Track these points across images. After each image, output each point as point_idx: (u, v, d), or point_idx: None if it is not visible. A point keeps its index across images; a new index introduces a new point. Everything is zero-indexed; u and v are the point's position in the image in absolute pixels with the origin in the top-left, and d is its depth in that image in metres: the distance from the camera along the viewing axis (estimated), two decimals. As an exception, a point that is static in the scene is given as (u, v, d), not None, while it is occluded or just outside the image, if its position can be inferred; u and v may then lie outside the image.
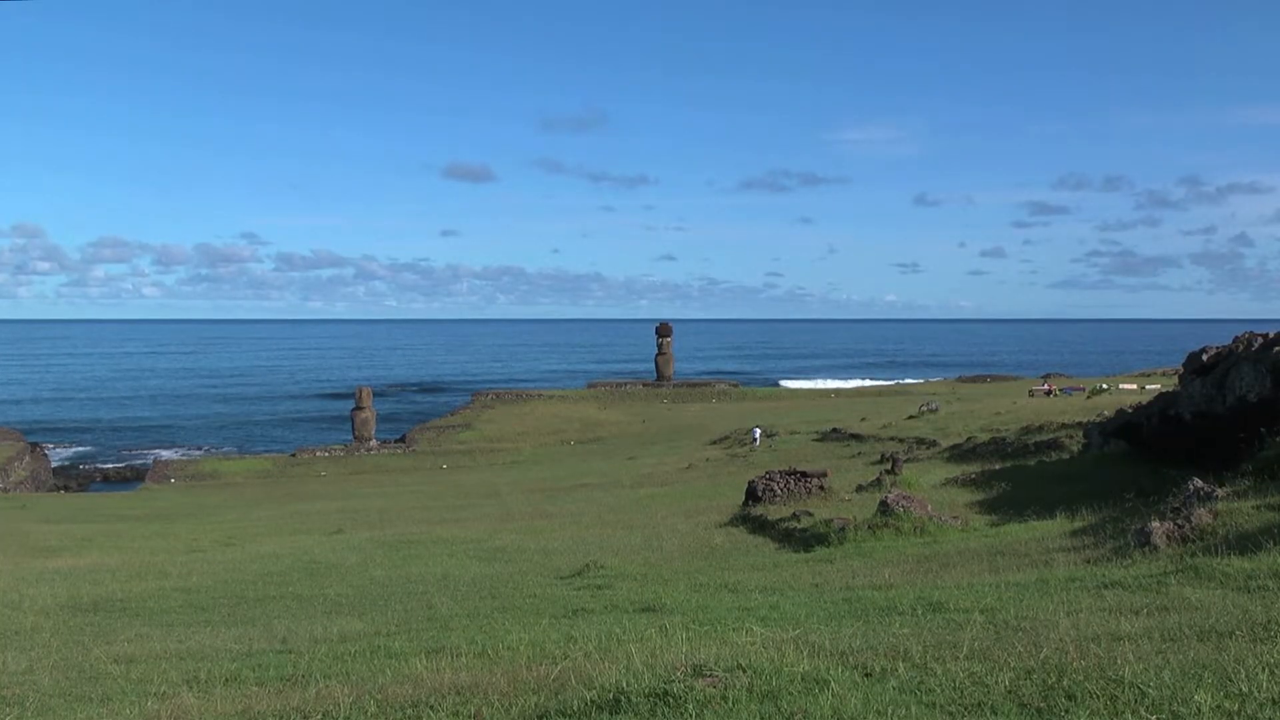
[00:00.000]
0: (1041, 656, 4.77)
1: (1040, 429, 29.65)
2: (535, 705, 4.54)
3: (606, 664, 5.21)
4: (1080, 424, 28.07)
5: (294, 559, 16.35)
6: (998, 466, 21.60)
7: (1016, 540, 11.20)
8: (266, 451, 64.73)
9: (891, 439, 36.46)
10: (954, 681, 4.48)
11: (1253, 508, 8.78)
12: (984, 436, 30.67)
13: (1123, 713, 3.97)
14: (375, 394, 76.10)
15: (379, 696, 5.06)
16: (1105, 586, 7.15)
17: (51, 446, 66.11)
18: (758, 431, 44.81)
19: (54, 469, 56.24)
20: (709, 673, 4.49)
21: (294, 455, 58.10)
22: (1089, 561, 8.82)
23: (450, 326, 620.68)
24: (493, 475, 44.76)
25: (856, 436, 39.07)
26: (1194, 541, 8.24)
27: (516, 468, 49.74)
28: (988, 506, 16.22)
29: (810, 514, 15.80)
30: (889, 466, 22.36)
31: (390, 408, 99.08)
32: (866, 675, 4.61)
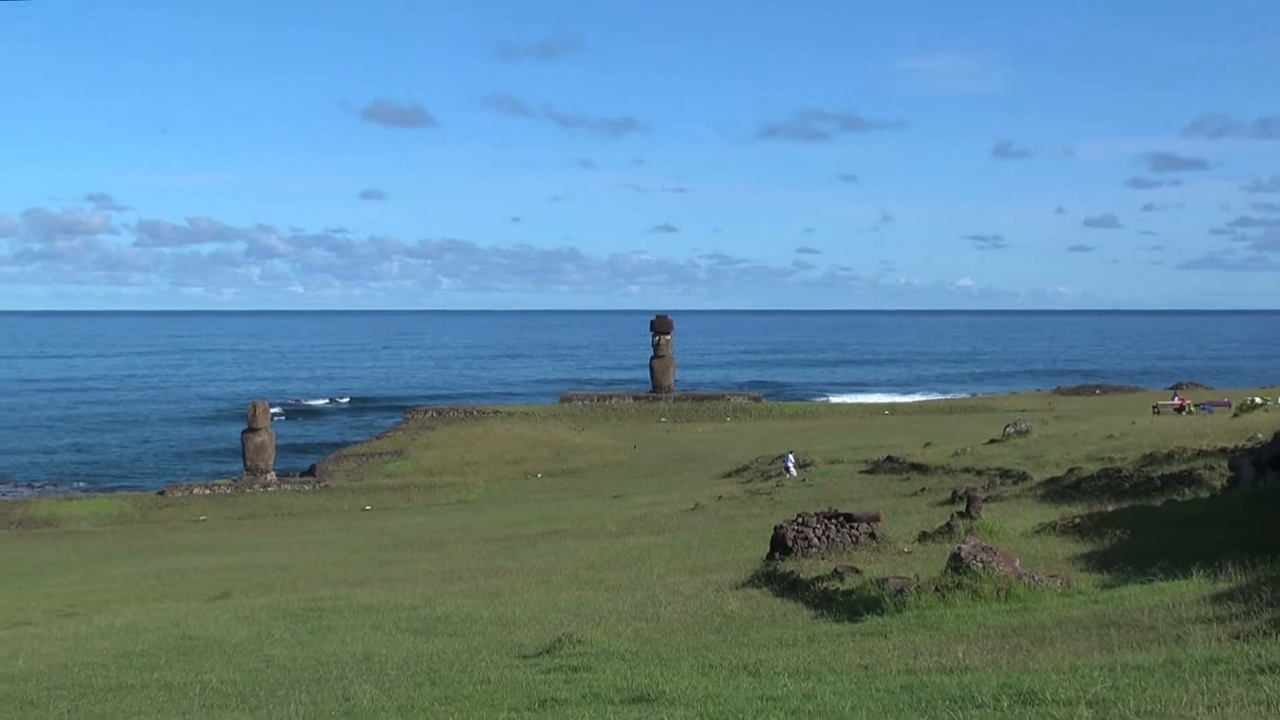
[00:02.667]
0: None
1: (1169, 457, 29.77)
2: None
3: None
4: (1225, 451, 28.11)
5: (161, 634, 16.31)
6: (1110, 508, 21.65)
7: (1137, 607, 11.22)
8: (124, 488, 64.53)
9: (966, 470, 36.56)
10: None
11: None
12: (1091, 467, 30.75)
13: None
14: (275, 412, 76.09)
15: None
16: (1261, 671, 7.17)
17: None
18: (791, 459, 45.01)
19: None
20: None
21: (163, 493, 57.93)
22: (1237, 637, 8.85)
23: (376, 320, 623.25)
24: (433, 519, 44.75)
25: (919, 467, 39.19)
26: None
27: (465, 509, 49.74)
28: (1097, 561, 16.25)
29: (857, 571, 15.79)
30: (963, 507, 22.38)
31: (295, 430, 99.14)
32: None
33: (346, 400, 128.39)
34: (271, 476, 60.52)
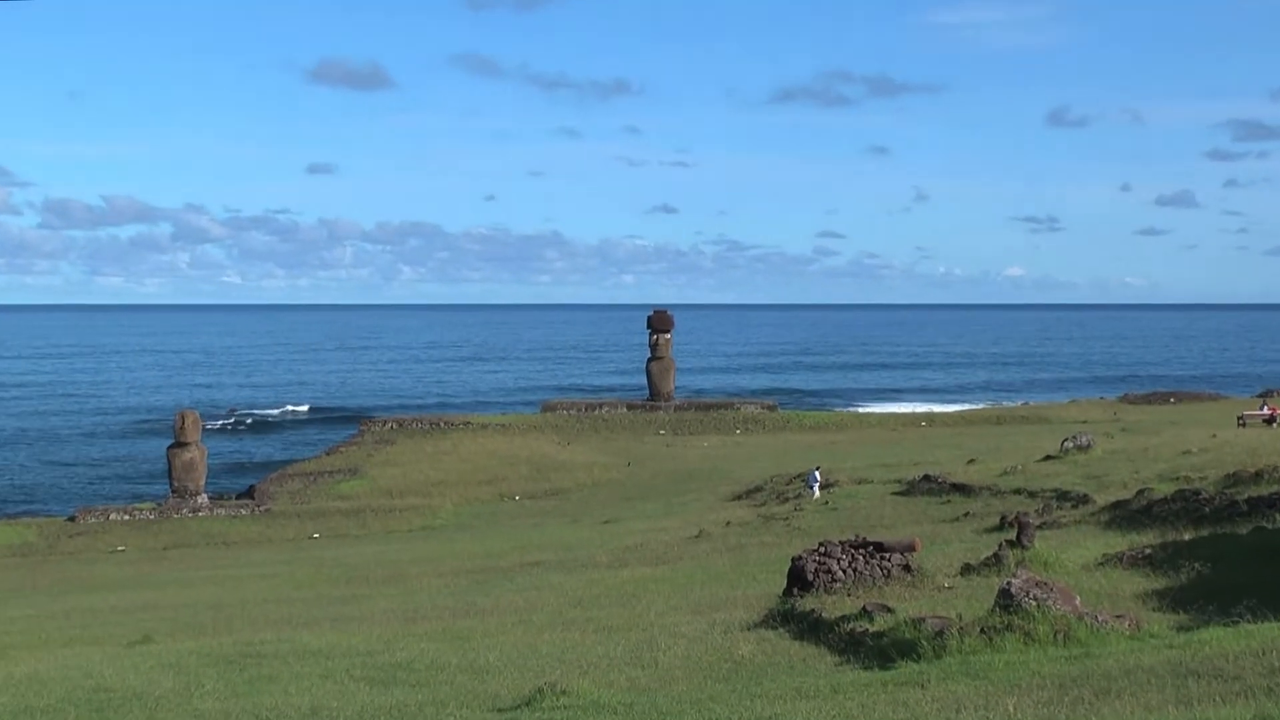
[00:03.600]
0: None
1: (1257, 477, 29.75)
2: None
3: None
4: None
5: (70, 686, 16.25)
6: (1188, 536, 21.68)
7: (1219, 653, 11.23)
8: (27, 514, 64.37)
9: (1017, 492, 36.65)
10: None
11: None
12: (1165, 489, 30.79)
13: None
14: (208, 424, 75.96)
15: None
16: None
17: None
18: (817, 476, 45.10)
19: None
20: None
21: (73, 519, 57.88)
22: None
23: (327, 316, 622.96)
24: (393, 549, 44.76)
25: (962, 488, 39.27)
26: None
27: (430, 537, 49.78)
28: (1172, 599, 16.26)
29: (889, 610, 15.80)
30: (1013, 535, 22.41)
31: (231, 445, 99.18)
32: None
33: (292, 410, 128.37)
34: (203, 499, 60.49)
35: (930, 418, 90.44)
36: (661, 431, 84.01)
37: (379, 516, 57.02)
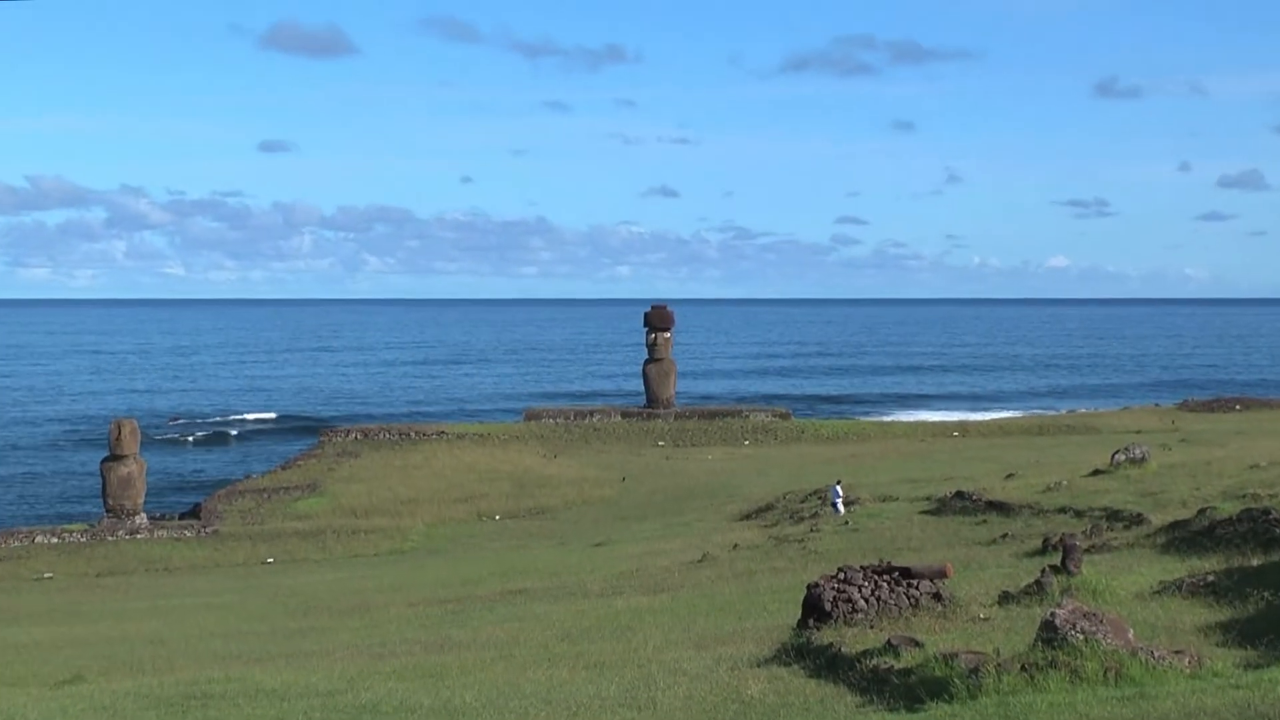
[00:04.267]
0: None
1: (1333, 495, 29.77)
2: None
3: None
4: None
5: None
6: (1256, 562, 21.66)
7: (1291, 693, 11.25)
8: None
9: (1062, 511, 36.59)
10: None
11: None
12: (1230, 508, 30.75)
13: None
14: (147, 434, 75.72)
15: None
16: None
17: None
18: (839, 492, 45.11)
19: None
20: None
21: (-4, 542, 57.77)
22: None
23: (281, 311, 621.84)
24: (357, 576, 44.78)
25: (999, 507, 39.24)
26: None
27: (399, 562, 49.82)
28: (1238, 633, 16.25)
29: (917, 644, 15.79)
30: (1058, 560, 22.42)
31: (174, 459, 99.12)
32: None
33: (243, 419, 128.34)
34: (141, 520, 60.45)
35: (963, 427, 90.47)
36: (660, 442, 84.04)
37: (341, 539, 56.99)
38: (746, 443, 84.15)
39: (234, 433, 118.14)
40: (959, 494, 41.53)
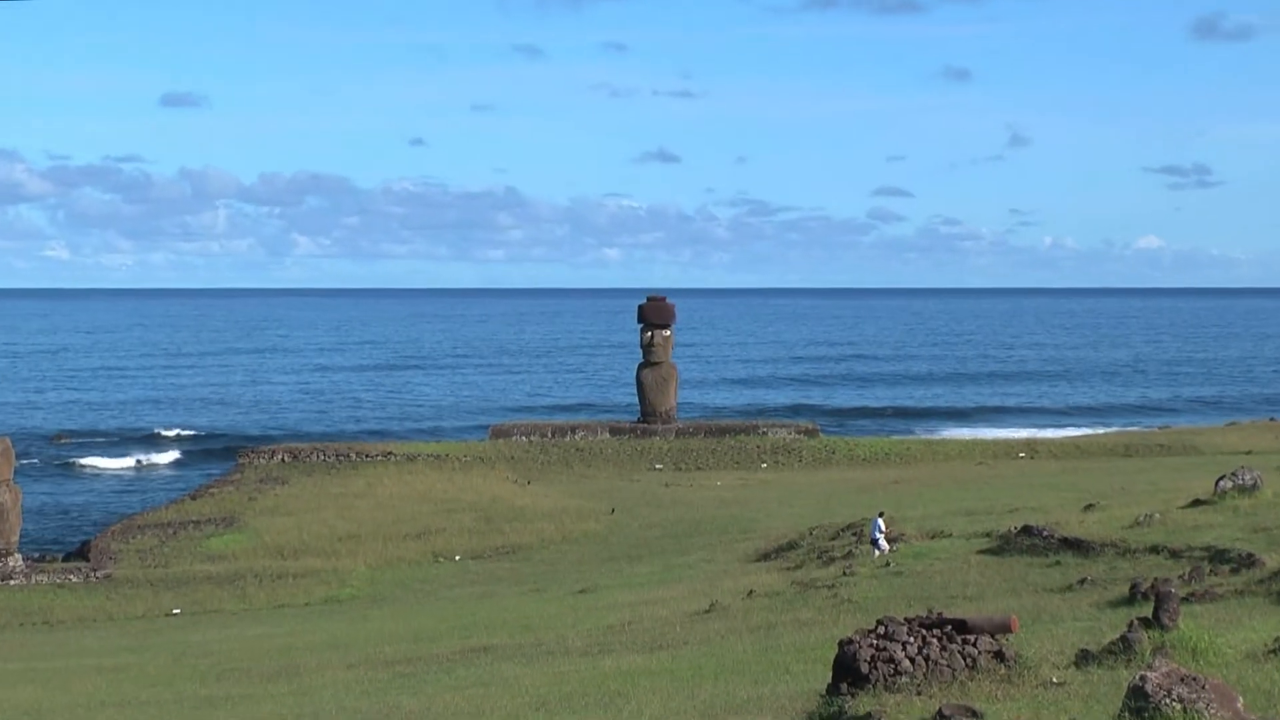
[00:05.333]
0: None
1: None
2: None
3: None
4: None
5: None
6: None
7: None
8: None
9: (1154, 551, 36.54)
10: None
11: None
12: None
13: None
14: (23, 456, 75.18)
15: None
16: None
17: None
18: (881, 527, 45.10)
19: None
20: None
21: None
22: None
23: (190, 304, 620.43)
24: (284, 630, 44.68)
25: (1076, 545, 39.13)
26: None
27: (337, 613, 49.79)
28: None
29: (976, 714, 15.75)
30: (1149, 611, 22.34)
31: (56, 486, 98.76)
32: None
33: (143, 436, 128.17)
34: (15, 561, 60.21)
35: (1032, 446, 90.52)
36: (659, 465, 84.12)
37: (264, 584, 56.87)
38: (764, 466, 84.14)
39: (133, 455, 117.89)
40: (1026, 529, 41.48)
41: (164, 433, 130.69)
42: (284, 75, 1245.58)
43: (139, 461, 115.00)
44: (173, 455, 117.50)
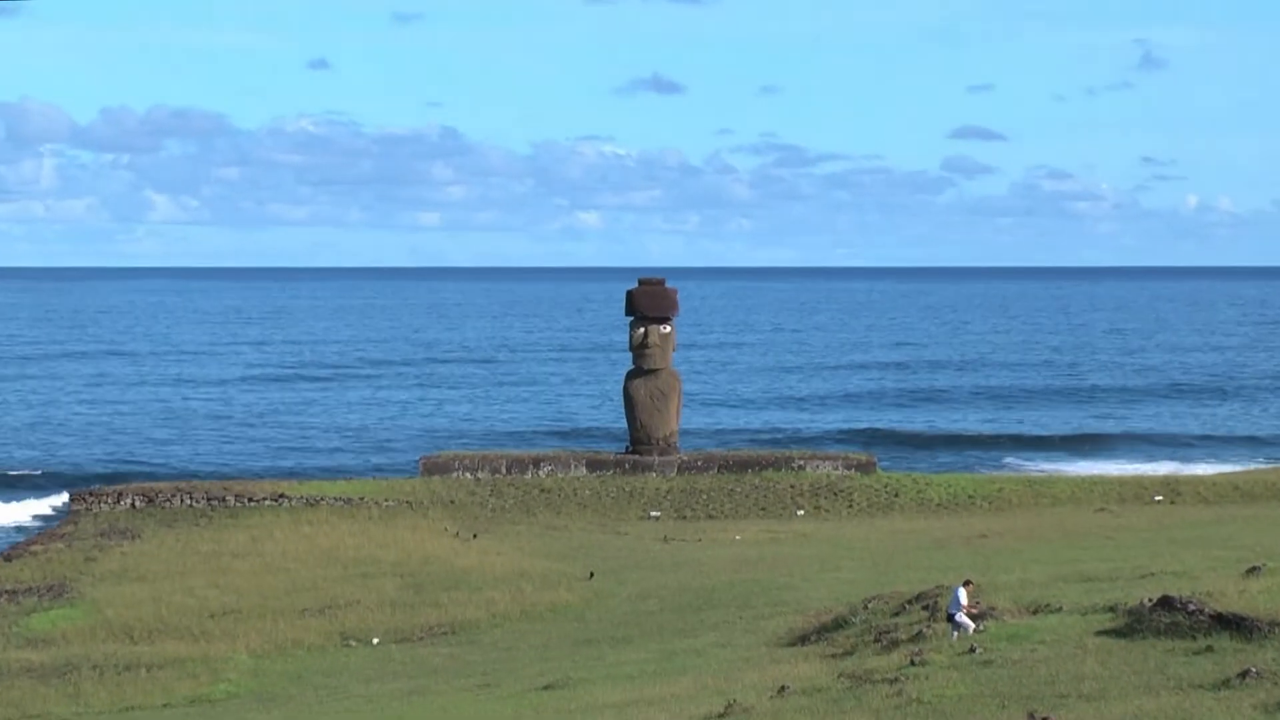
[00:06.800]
0: None
1: None
2: None
3: None
4: None
5: None
6: None
7: None
8: None
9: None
10: None
11: None
12: None
13: None
14: None
15: None
16: None
17: None
18: (961, 599, 45.12)
19: None
20: None
21: None
22: None
23: (5, 287, 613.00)
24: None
25: (1236, 623, 39.14)
26: None
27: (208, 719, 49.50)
28: None
29: None
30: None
31: None
32: None
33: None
34: None
35: (1173, 487, 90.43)
36: (655, 513, 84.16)
37: (107, 679, 56.68)
38: (801, 513, 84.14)
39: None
40: (1165, 601, 41.48)
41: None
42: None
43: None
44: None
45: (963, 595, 45.21)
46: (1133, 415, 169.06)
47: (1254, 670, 33.38)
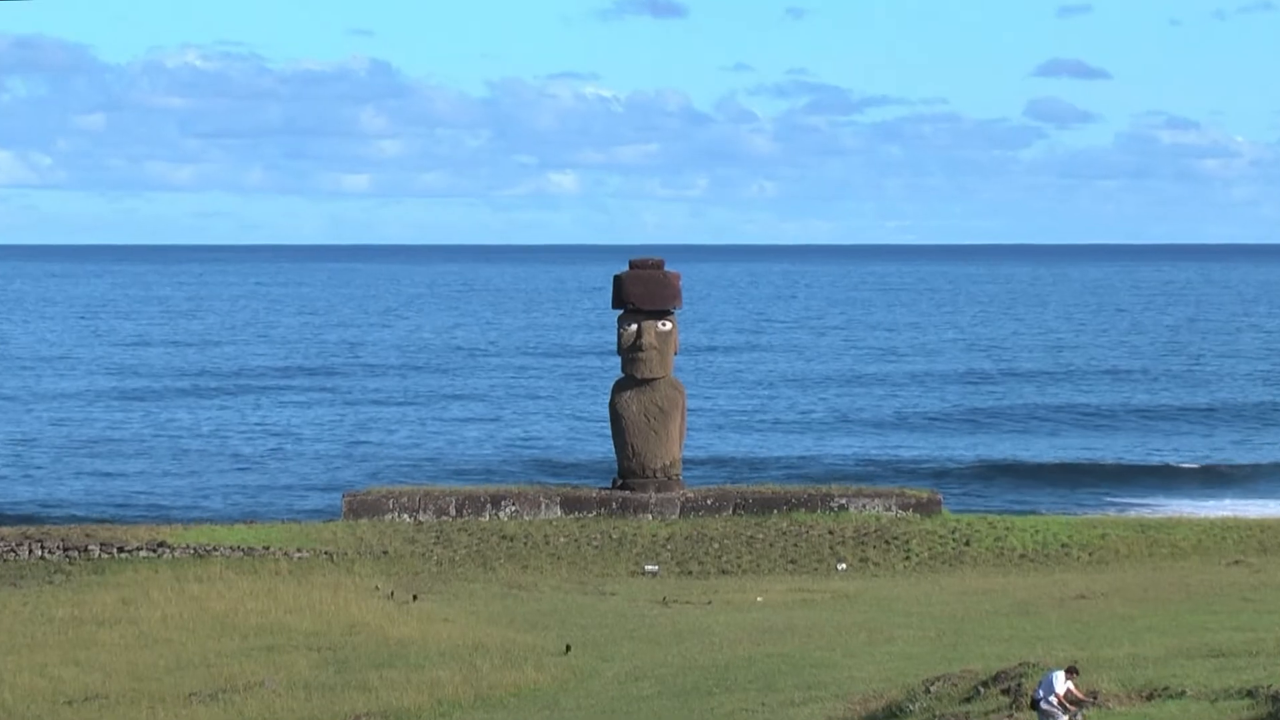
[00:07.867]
0: None
1: None
2: None
3: None
4: None
5: None
6: None
7: None
8: None
9: None
10: None
11: None
12: None
13: None
14: None
15: None
16: None
17: None
18: (1056, 684, 44.81)
19: None
20: None
21: None
22: None
23: None
24: None
25: None
26: None
27: None
28: None
29: None
30: None
31: None
32: None
33: None
34: None
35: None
36: (650, 567, 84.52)
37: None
38: (842, 566, 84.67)
39: None
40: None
41: None
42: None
43: None
44: None
45: (1059, 681, 44.71)
46: (1278, 442, 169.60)
47: None
